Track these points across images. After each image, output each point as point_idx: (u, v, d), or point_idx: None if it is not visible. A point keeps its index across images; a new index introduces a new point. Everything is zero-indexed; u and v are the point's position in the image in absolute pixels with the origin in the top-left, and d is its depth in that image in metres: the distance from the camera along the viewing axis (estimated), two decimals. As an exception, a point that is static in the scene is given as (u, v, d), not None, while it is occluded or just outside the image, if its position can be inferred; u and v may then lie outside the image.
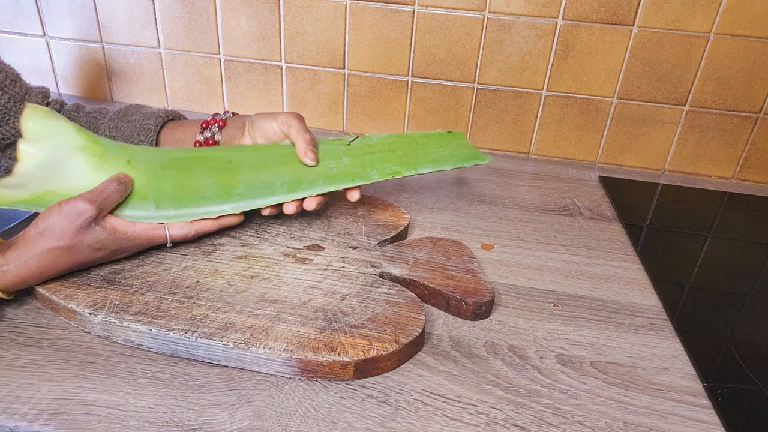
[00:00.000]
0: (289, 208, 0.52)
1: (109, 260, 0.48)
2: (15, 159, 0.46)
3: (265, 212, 0.53)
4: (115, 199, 0.46)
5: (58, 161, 0.46)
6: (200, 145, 0.57)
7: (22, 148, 0.45)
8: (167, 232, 0.49)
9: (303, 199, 0.53)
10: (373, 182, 0.55)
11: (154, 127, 0.57)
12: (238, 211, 0.51)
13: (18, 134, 0.56)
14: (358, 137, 0.59)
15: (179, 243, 0.51)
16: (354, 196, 0.55)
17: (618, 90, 0.79)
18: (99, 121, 0.59)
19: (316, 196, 0.53)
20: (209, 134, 0.58)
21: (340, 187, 0.54)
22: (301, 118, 0.56)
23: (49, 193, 0.46)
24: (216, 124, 0.58)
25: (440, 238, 0.56)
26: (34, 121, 0.46)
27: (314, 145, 0.55)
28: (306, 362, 0.39)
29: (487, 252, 0.58)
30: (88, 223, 0.44)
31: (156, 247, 0.50)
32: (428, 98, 0.84)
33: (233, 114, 0.60)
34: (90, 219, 0.44)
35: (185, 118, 0.62)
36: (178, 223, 0.49)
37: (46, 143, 0.46)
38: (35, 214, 0.50)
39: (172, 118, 0.60)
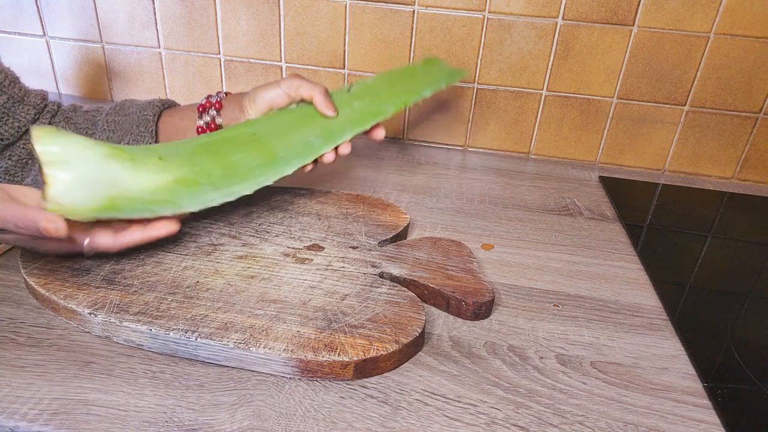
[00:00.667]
0: (329, 158, 0.58)
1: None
2: (44, 182, 0.44)
3: (307, 168, 0.57)
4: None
5: (94, 173, 0.45)
6: (203, 129, 0.58)
7: (48, 172, 0.44)
8: (86, 242, 0.45)
9: (335, 148, 0.58)
10: (390, 115, 0.60)
11: (152, 117, 0.57)
12: (290, 172, 0.55)
13: (17, 136, 0.56)
14: (353, 84, 0.62)
15: (171, 242, 0.51)
16: (380, 134, 0.60)
17: (618, 90, 0.79)
18: (96, 119, 0.59)
19: (349, 141, 0.58)
20: (209, 118, 0.58)
21: (367, 126, 0.59)
22: (302, 76, 0.58)
23: (117, 197, 0.45)
24: (213, 108, 0.58)
25: (440, 238, 0.56)
26: (49, 144, 0.44)
27: (329, 96, 0.58)
28: (306, 362, 0.39)
29: (487, 252, 0.58)
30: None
31: (156, 247, 0.50)
32: (428, 98, 0.84)
33: (226, 94, 0.60)
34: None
35: (178, 105, 0.62)
36: (102, 233, 0.45)
37: (71, 162, 0.45)
38: None
39: (168, 106, 0.61)
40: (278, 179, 0.54)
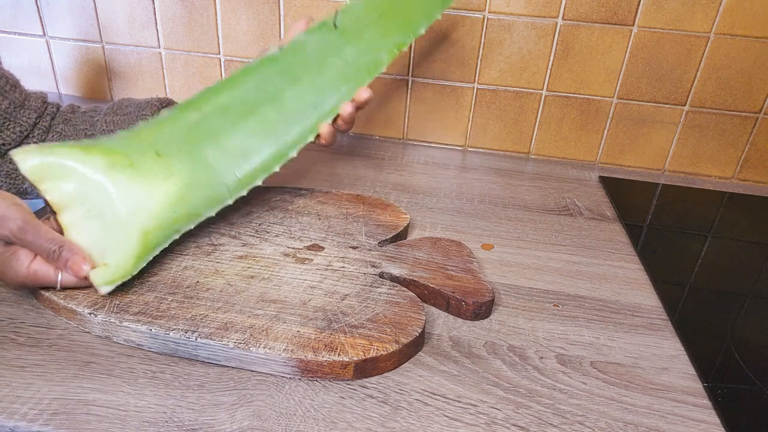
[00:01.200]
0: (325, 129, 0.55)
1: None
2: (54, 212, 0.42)
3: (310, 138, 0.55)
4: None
5: (103, 196, 0.43)
6: None
7: (50, 198, 0.42)
8: (59, 279, 0.43)
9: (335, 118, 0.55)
10: (385, 67, 0.57)
11: (151, 116, 0.58)
12: (295, 154, 0.53)
13: (18, 141, 0.56)
14: (338, 12, 0.57)
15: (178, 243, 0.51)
16: (364, 94, 0.56)
17: (618, 90, 0.79)
18: (94, 119, 0.59)
19: (348, 102, 0.55)
20: None
21: (364, 84, 0.55)
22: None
23: (148, 233, 0.45)
24: None
25: (440, 238, 0.56)
26: (32, 160, 0.41)
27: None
28: (306, 362, 0.39)
29: (487, 252, 0.58)
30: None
31: None
32: (428, 98, 0.84)
33: None
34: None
35: (176, 103, 0.62)
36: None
37: (68, 176, 0.42)
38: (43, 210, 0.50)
39: (165, 104, 0.61)
40: (283, 163, 0.53)
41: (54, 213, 0.43)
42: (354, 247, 0.53)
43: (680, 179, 0.82)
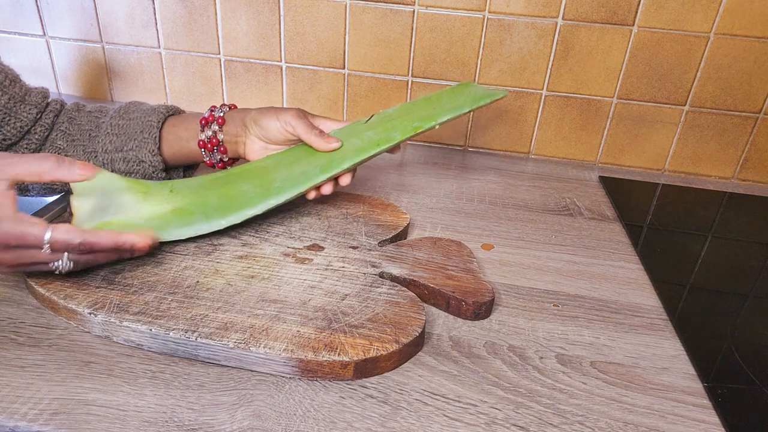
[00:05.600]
0: (327, 189, 0.56)
1: None
2: (70, 214, 0.48)
3: (310, 196, 0.56)
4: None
5: (109, 202, 0.49)
6: (203, 144, 0.58)
7: (75, 203, 0.48)
8: (48, 234, 0.40)
9: (336, 179, 0.57)
10: (398, 142, 0.57)
11: (156, 123, 0.57)
12: (281, 202, 0.54)
13: (19, 136, 0.56)
14: (374, 115, 0.59)
15: (171, 242, 0.51)
16: (345, 180, 0.57)
17: (618, 90, 0.79)
18: (100, 120, 0.58)
19: (349, 171, 0.56)
20: (210, 133, 0.58)
21: (369, 155, 0.56)
22: (301, 115, 0.56)
23: (107, 224, 0.49)
24: (215, 122, 0.58)
25: (440, 238, 0.56)
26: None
27: (324, 134, 0.56)
28: (306, 362, 0.39)
29: (487, 252, 0.58)
30: None
31: (156, 247, 0.50)
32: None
33: (230, 108, 0.60)
34: None
35: (184, 112, 0.62)
36: (64, 226, 0.41)
37: (95, 193, 0.48)
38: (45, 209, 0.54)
39: (173, 113, 0.60)
40: (269, 209, 0.54)
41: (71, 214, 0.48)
42: (354, 247, 0.53)
43: (680, 179, 0.82)
